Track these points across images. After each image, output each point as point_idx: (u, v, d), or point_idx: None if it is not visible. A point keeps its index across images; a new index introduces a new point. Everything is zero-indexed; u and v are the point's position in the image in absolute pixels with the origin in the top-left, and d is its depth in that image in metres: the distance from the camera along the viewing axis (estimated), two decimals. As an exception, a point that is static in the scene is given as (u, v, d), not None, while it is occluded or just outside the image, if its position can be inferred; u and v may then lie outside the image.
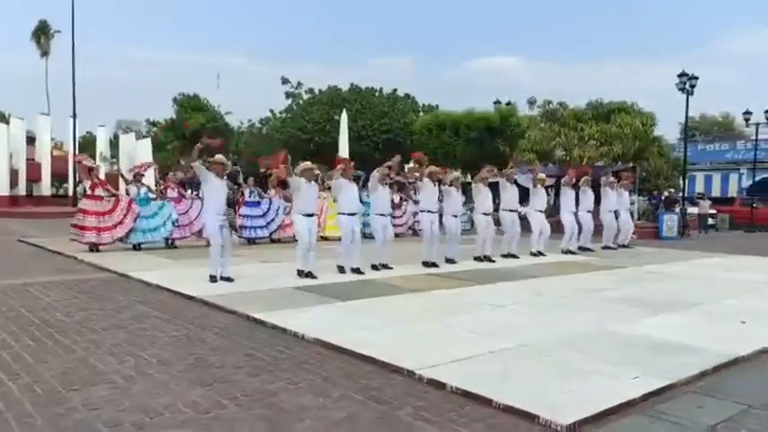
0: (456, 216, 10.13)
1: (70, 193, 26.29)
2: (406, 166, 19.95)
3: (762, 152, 28.57)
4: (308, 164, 8.34)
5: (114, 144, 32.97)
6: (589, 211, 12.76)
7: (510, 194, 11.08)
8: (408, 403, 3.52)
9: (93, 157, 19.96)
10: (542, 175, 12.00)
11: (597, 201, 13.08)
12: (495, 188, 10.94)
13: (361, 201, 9.25)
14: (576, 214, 12.39)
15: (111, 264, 9.25)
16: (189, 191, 14.33)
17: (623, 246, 13.44)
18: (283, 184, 13.81)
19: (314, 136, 30.07)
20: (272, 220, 13.26)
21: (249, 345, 4.79)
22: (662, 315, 6.09)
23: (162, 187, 12.71)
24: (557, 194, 12.50)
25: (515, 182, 11.45)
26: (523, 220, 11.46)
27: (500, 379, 3.89)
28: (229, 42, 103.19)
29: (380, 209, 9.20)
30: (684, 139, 23.97)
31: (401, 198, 14.61)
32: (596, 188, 13.07)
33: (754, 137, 27.33)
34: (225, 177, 7.75)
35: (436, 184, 9.85)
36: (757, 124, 25.42)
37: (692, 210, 21.45)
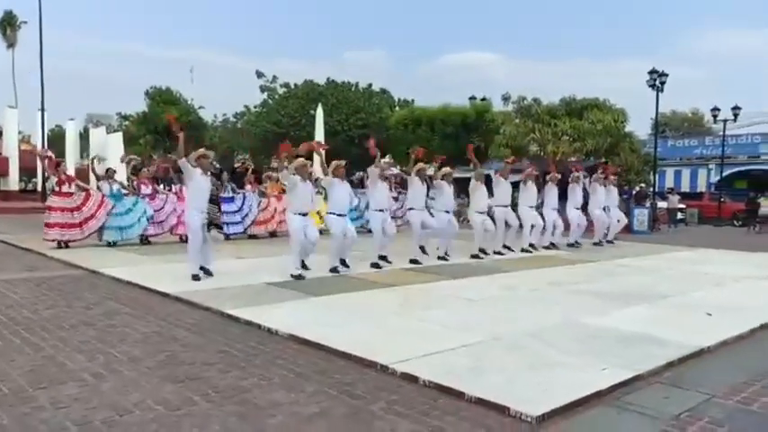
0: (448, 212, 10.10)
1: (39, 188, 25.71)
2: (382, 160, 19.95)
3: (729, 148, 29.25)
4: (302, 161, 8.19)
5: (84, 138, 32.28)
6: (577, 208, 12.76)
7: (503, 191, 11.12)
8: (381, 398, 3.54)
9: (62, 153, 19.57)
10: (532, 171, 11.98)
11: (565, 197, 12.86)
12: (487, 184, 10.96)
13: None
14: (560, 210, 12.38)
15: (81, 260, 9.10)
16: (162, 186, 14.13)
17: (610, 242, 13.45)
18: (259, 180, 13.75)
19: (289, 131, 29.87)
20: (247, 215, 13.16)
21: (222, 341, 4.76)
22: (631, 307, 6.21)
23: (135, 183, 12.51)
24: (539, 190, 12.44)
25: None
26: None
27: (472, 372, 3.93)
28: (203, 37, 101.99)
29: (379, 204, 9.13)
30: (655, 134, 24.41)
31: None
32: (564, 184, 12.89)
33: (722, 133, 27.98)
34: (209, 174, 7.60)
35: (425, 181, 9.78)
36: (725, 120, 26.02)
37: (662, 204, 21.89)
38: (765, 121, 31.77)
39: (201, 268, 7.55)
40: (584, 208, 13.16)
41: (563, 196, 12.66)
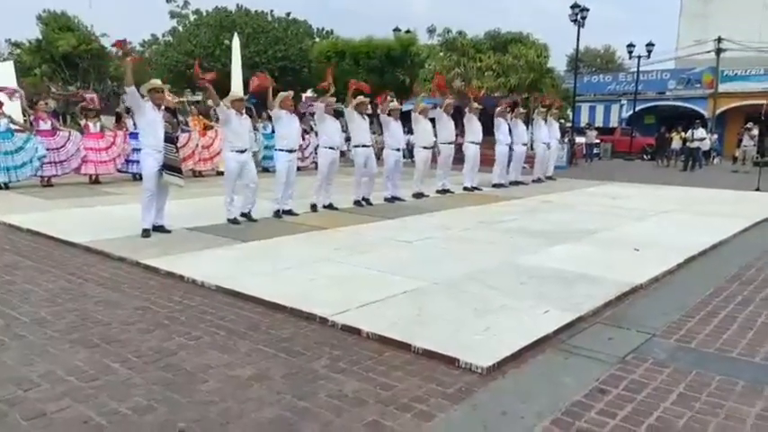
0: (399, 150, 9.67)
1: None
2: (303, 95, 19.13)
3: (640, 84, 30.30)
4: (237, 93, 7.43)
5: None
6: (524, 144, 12.63)
7: (448, 126, 10.76)
8: (323, 354, 3.31)
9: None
10: (476, 105, 11.56)
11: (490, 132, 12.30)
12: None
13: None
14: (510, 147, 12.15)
15: (-29, 206, 8.15)
16: (63, 122, 12.89)
17: (549, 178, 13.58)
18: (173, 112, 12.74)
19: (203, 62, 28.00)
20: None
21: (141, 296, 4.34)
22: (561, 245, 6.27)
23: (31, 118, 11.27)
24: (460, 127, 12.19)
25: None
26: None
27: (416, 321, 3.77)
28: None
29: (329, 141, 8.44)
30: (575, 69, 24.87)
31: (304, 131, 13.95)
32: (489, 119, 12.24)
33: (634, 69, 28.87)
34: (163, 108, 6.58)
35: (365, 116, 9.10)
36: (639, 57, 26.83)
37: (580, 140, 22.56)
38: (674, 57, 33.06)
39: (153, 226, 6.52)
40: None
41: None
